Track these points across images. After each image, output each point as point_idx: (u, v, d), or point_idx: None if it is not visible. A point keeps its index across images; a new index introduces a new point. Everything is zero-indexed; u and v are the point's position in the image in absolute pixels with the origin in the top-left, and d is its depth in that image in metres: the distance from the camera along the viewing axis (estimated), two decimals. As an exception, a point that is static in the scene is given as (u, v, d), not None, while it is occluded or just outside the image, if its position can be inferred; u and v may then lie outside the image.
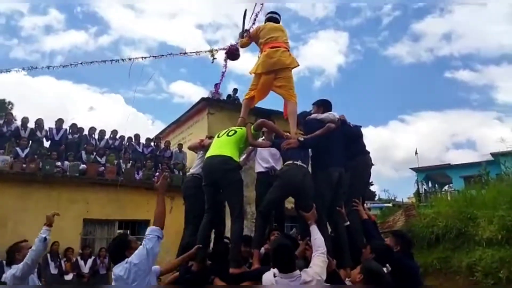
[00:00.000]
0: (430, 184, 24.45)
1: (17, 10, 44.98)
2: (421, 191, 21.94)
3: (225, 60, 6.94)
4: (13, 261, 3.45)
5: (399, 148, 63.34)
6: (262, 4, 6.10)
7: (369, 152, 4.31)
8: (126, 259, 2.70)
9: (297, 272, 2.61)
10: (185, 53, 8.38)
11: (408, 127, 70.27)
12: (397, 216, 12.53)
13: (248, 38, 4.84)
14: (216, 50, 7.68)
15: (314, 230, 3.06)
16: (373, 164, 4.36)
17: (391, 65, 71.76)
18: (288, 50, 4.43)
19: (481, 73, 63.79)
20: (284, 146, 3.69)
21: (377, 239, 3.56)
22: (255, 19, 6.13)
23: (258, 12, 6.00)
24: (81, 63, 7.82)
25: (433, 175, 23.97)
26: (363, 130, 4.50)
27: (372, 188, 28.57)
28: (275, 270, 2.64)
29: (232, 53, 6.26)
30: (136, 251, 2.72)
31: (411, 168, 24.39)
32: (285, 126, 4.37)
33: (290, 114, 4.19)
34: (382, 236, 3.95)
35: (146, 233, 2.81)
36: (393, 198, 25.57)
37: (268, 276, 2.64)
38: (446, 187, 24.03)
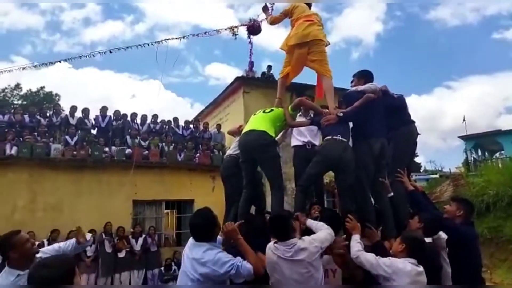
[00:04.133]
0: (479, 153, 23.22)
1: (58, 6, 46.79)
2: (470, 159, 20.91)
3: (248, 36, 6.98)
4: (8, 261, 2.40)
5: (447, 116, 60.36)
6: None
7: (414, 122, 4.16)
8: (211, 249, 2.54)
9: (294, 240, 2.67)
10: (205, 33, 8.45)
11: (455, 93, 66.64)
12: (444, 187, 12.13)
13: (282, 14, 4.75)
14: (236, 27, 7.68)
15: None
16: (418, 134, 4.21)
17: (434, 29, 67.69)
18: (322, 26, 4.32)
19: (535, 29, 58.52)
20: (323, 123, 3.67)
21: (430, 209, 3.46)
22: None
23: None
24: (110, 51, 8.12)
25: (483, 142, 22.67)
26: (406, 99, 4.31)
27: (417, 159, 27.69)
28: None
29: (253, 29, 6.26)
30: (223, 258, 2.49)
31: (459, 137, 23.22)
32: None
33: (327, 90, 4.12)
34: (434, 205, 3.83)
35: (245, 265, 2.53)
36: (440, 169, 24.69)
37: (269, 245, 2.75)
38: (497, 154, 22.74)
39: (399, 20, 73.68)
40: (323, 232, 2.86)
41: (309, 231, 3.07)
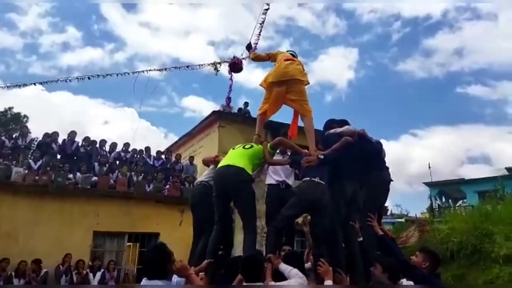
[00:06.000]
0: (443, 199, 23.99)
1: (37, 28, 46.37)
2: (435, 206, 21.51)
3: (229, 73, 7.14)
4: None
5: (412, 162, 62.57)
6: (268, 5, 6.25)
7: (387, 168, 4.19)
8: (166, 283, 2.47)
9: (261, 284, 2.68)
10: (188, 66, 8.62)
11: (421, 141, 69.53)
12: (411, 232, 12.33)
13: (266, 55, 4.80)
14: (219, 63, 7.85)
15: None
16: (391, 180, 4.23)
17: (402, 80, 71.52)
18: (303, 68, 4.38)
19: (493, 88, 63.11)
20: (304, 163, 3.64)
21: (398, 255, 3.45)
22: (263, 22, 6.23)
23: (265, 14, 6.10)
24: (89, 77, 8.05)
25: (446, 190, 23.53)
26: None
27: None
28: None
29: (235, 66, 6.39)
30: None
31: (424, 183, 24.00)
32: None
33: (307, 130, 4.07)
34: (401, 252, 3.82)
35: None
36: (405, 213, 25.22)
37: None
38: (460, 202, 23.55)
39: (370, 70, 77.68)
40: (294, 281, 2.78)
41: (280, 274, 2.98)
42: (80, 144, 10.62)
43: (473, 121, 66.83)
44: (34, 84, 8.21)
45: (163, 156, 12.11)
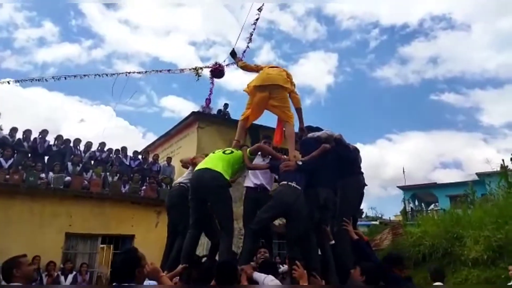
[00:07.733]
0: (416, 203, 24.62)
1: (12, 22, 44.87)
2: (408, 209, 22.04)
3: (211, 78, 7.13)
4: (10, 279, 2.65)
5: (388, 166, 63.83)
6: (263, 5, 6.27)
7: (362, 173, 4.28)
8: None
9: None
10: (169, 70, 8.53)
11: (395, 145, 71.09)
12: (384, 235, 12.54)
13: (254, 66, 4.82)
14: (201, 68, 7.83)
15: None
16: (366, 185, 4.31)
17: (379, 86, 72.98)
18: (288, 76, 4.40)
19: (466, 96, 65.23)
20: (282, 168, 3.69)
21: (373, 258, 3.50)
22: (257, 19, 6.25)
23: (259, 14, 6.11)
24: (65, 77, 7.85)
25: (419, 193, 24.17)
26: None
27: (359, 205, 28.52)
28: None
29: (217, 72, 6.39)
30: None
31: (398, 186, 24.59)
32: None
33: (288, 136, 4.19)
34: (376, 255, 3.89)
35: None
36: (380, 215, 25.69)
37: None
38: (432, 206, 24.22)
39: (348, 75, 78.99)
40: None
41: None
42: (52, 143, 10.28)
43: (445, 127, 68.90)
44: (8, 83, 7.89)
45: (140, 157, 11.91)
